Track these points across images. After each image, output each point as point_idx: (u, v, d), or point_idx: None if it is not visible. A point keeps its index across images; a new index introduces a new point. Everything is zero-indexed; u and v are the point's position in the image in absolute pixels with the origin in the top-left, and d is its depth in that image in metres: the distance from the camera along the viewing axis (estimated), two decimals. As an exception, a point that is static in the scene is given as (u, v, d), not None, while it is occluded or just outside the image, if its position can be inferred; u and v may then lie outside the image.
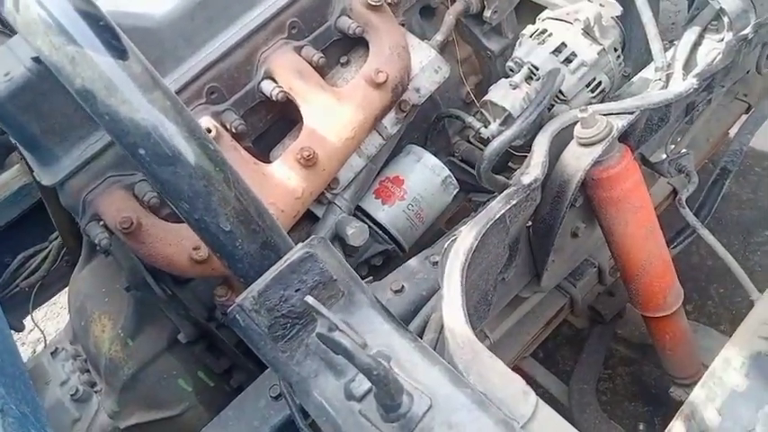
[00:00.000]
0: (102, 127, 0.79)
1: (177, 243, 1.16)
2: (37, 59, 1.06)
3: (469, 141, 1.65)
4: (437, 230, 1.63)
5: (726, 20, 1.33)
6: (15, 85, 1.07)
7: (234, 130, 1.25)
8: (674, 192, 1.66)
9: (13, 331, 1.80)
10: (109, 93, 0.76)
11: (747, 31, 1.31)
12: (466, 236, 0.98)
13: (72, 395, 1.48)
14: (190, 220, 0.82)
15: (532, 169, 1.08)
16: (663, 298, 1.31)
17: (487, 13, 1.49)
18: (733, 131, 1.79)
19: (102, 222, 1.18)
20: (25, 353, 2.86)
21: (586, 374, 1.82)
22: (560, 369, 2.10)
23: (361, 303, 0.84)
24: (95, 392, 1.51)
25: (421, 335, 1.05)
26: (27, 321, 1.91)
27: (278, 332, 0.80)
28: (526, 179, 1.06)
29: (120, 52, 0.77)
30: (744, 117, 1.76)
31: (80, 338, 1.53)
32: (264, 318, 0.79)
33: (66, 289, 1.80)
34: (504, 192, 1.06)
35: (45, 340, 2.20)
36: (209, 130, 1.20)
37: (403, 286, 1.20)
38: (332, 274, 0.82)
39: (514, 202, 1.04)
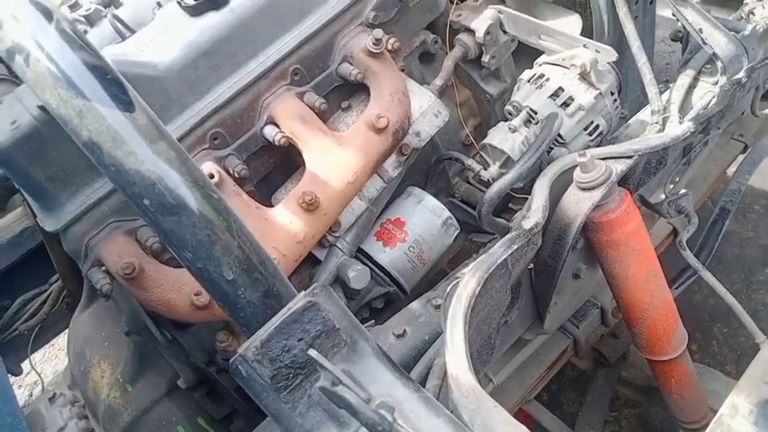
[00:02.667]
0: (107, 177, 0.79)
1: (179, 288, 1.16)
2: (44, 108, 1.08)
3: (469, 182, 1.66)
4: (439, 270, 1.63)
5: (719, 64, 1.36)
6: (21, 133, 1.09)
7: (237, 175, 1.26)
8: (674, 231, 1.66)
9: (10, 375, 1.77)
10: (115, 145, 0.77)
11: (741, 75, 1.33)
12: (468, 281, 0.98)
13: (69, 443, 1.45)
14: (192, 269, 0.82)
15: (533, 214, 1.09)
16: (667, 341, 1.30)
17: (485, 58, 1.52)
18: (730, 170, 1.81)
19: (103, 268, 1.18)
20: (22, 396, 2.82)
21: (592, 418, 1.79)
22: (565, 412, 2.07)
23: (364, 352, 0.83)
24: (93, 440, 1.48)
25: (424, 381, 1.03)
26: (24, 364, 1.88)
27: (280, 383, 0.79)
28: (527, 224, 1.07)
29: (126, 104, 0.78)
30: (741, 157, 1.78)
31: (79, 383, 1.51)
32: (267, 368, 0.78)
33: (65, 330, 1.79)
34: (506, 236, 1.06)
35: (42, 384, 2.18)
36: (212, 176, 1.21)
37: (405, 330, 1.19)
38: (335, 322, 0.82)
39: (516, 247, 1.04)
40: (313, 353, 0.71)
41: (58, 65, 0.77)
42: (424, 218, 1.48)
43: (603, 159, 1.14)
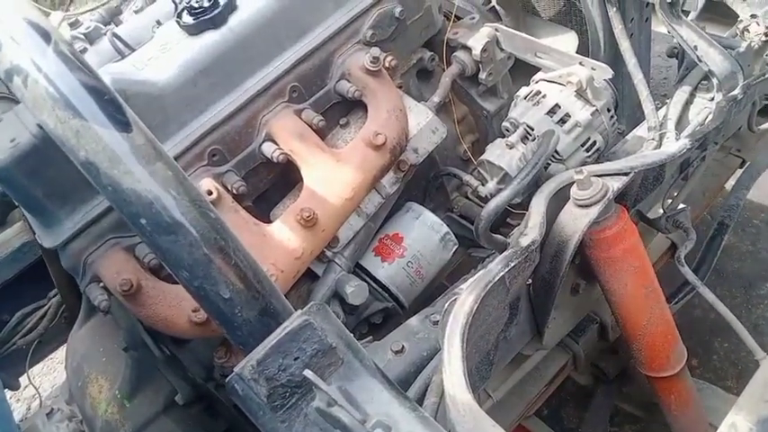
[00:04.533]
0: (104, 197, 0.80)
1: (176, 305, 1.16)
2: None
3: (467, 197, 1.67)
4: (438, 285, 1.63)
5: (715, 81, 1.37)
6: (20, 151, 1.09)
7: (235, 192, 1.26)
8: (673, 246, 1.66)
9: (7, 390, 1.77)
10: (112, 164, 0.77)
11: (736, 92, 1.34)
12: (465, 299, 0.98)
13: (66, 459, 1.44)
14: (189, 288, 0.82)
15: (530, 231, 1.09)
16: (666, 358, 1.30)
17: (482, 75, 1.53)
18: (729, 185, 1.81)
19: (101, 284, 1.18)
20: (20, 410, 2.81)
21: (592, 433, 1.78)
22: (565, 427, 2.06)
23: (360, 371, 0.83)
24: (89, 456, 1.48)
25: (422, 398, 1.03)
26: (22, 378, 1.88)
27: (276, 402, 0.79)
28: (524, 241, 1.07)
29: (123, 125, 0.79)
30: (739, 171, 1.79)
31: (76, 399, 1.51)
32: (263, 387, 0.78)
33: (64, 345, 1.79)
34: (503, 254, 1.06)
35: (40, 398, 2.17)
36: (211, 192, 1.22)
37: (403, 346, 1.19)
38: (331, 341, 0.82)
39: (513, 264, 1.04)
40: (308, 373, 0.71)
41: (56, 86, 0.78)
42: (423, 233, 1.48)
43: (600, 176, 1.15)
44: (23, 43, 0.80)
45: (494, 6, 1.67)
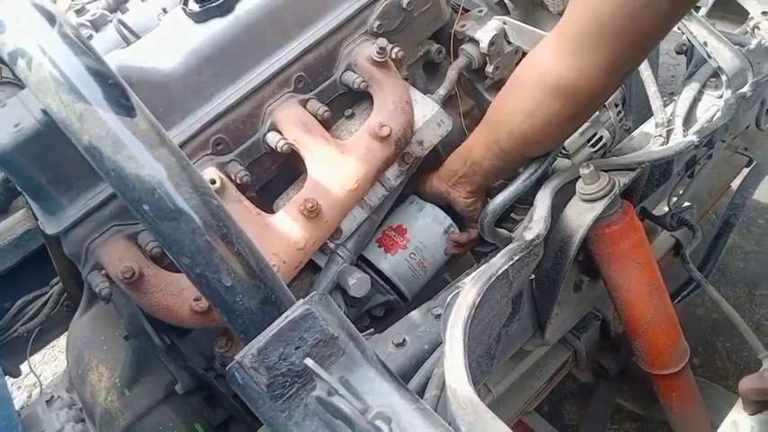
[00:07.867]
0: (107, 182, 0.79)
1: (178, 294, 1.16)
2: (47, 111, 1.08)
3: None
4: (439, 280, 1.63)
5: (724, 78, 1.35)
6: (24, 136, 1.08)
7: (238, 181, 1.25)
8: (677, 243, 1.65)
9: (8, 377, 1.77)
10: (115, 149, 0.76)
11: (746, 89, 1.33)
12: (468, 292, 0.97)
13: (65, 446, 1.45)
14: (191, 275, 0.82)
15: (535, 225, 1.08)
16: (669, 355, 1.29)
17: (489, 69, 1.52)
18: (735, 184, 1.80)
19: (103, 272, 1.17)
20: (21, 397, 2.82)
21: (592, 430, 1.77)
22: (565, 424, 2.06)
23: (361, 362, 0.82)
24: (89, 444, 1.48)
25: (422, 391, 1.03)
26: (24, 366, 1.88)
27: (277, 391, 0.79)
28: (529, 235, 1.06)
29: (127, 110, 0.78)
30: (745, 170, 1.78)
31: (77, 387, 1.51)
32: (263, 376, 0.78)
33: (65, 333, 1.79)
34: (507, 247, 1.06)
35: (41, 386, 2.18)
36: (214, 181, 1.21)
37: (404, 339, 1.18)
38: (332, 331, 0.81)
39: (517, 258, 1.03)
40: (309, 362, 0.71)
41: (60, 69, 0.77)
42: (426, 225, 1.48)
43: (607, 171, 1.14)
44: (28, 26, 0.79)
45: (502, -1, 1.65)
